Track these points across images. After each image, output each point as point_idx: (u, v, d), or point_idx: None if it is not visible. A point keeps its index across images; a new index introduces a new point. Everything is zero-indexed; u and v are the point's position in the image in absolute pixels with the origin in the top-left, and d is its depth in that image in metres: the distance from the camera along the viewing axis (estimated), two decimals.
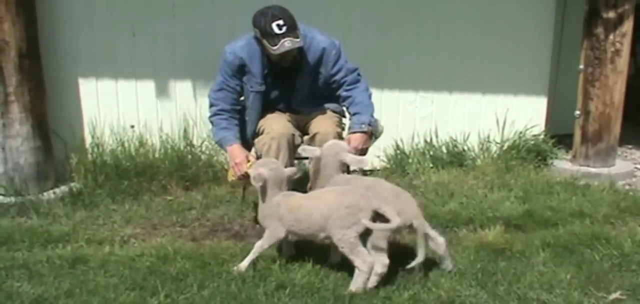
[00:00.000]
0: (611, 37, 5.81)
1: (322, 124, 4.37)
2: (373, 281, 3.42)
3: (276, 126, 4.29)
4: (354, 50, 4.87)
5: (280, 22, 4.02)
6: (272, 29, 4.02)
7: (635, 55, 8.84)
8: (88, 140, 5.60)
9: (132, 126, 5.66)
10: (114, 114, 5.68)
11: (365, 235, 3.49)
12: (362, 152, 4.23)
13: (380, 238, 3.47)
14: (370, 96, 4.43)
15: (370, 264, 3.43)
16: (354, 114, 4.34)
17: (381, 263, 3.45)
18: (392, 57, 6.16)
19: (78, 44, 5.52)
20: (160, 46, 5.68)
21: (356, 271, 3.46)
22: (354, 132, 4.25)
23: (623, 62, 5.84)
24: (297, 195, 3.85)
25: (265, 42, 4.10)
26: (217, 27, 5.65)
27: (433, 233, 3.71)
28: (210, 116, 4.38)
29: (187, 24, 5.69)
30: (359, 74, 4.46)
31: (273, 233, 3.75)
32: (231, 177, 4.25)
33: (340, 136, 4.35)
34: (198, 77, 5.77)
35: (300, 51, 4.28)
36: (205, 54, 5.62)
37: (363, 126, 4.26)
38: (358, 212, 3.46)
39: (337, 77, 4.41)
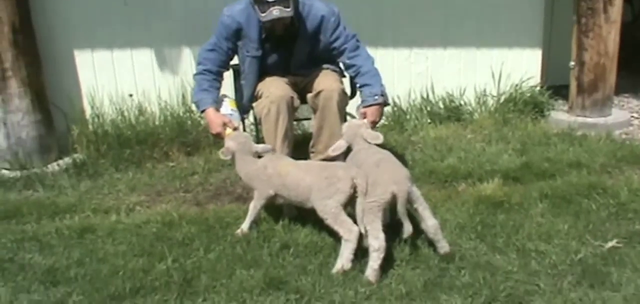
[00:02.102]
0: None
1: (325, 81, 4.39)
2: (374, 258, 3.32)
3: (275, 89, 4.32)
4: (349, 7, 4.90)
5: None
6: None
7: (632, 3, 8.83)
8: (88, 111, 5.67)
9: (131, 95, 5.71)
10: (112, 84, 5.74)
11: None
12: (375, 123, 4.25)
13: (370, 213, 3.38)
14: (373, 63, 4.44)
15: (357, 233, 3.39)
16: (364, 85, 4.34)
17: (375, 237, 3.33)
18: (386, 13, 6.18)
19: (71, 16, 5.57)
20: (153, 13, 5.72)
21: (343, 242, 3.44)
22: (369, 105, 4.26)
23: (616, 11, 5.87)
24: (287, 160, 3.94)
25: (256, 8, 4.14)
26: None
27: (425, 213, 3.49)
28: (196, 74, 4.42)
29: None
30: (358, 40, 4.47)
31: (261, 192, 3.83)
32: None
33: (343, 92, 4.37)
34: (194, 42, 5.78)
35: (298, 18, 4.30)
36: (200, 18, 5.65)
37: (376, 97, 4.26)
38: (337, 181, 3.47)
39: (336, 44, 4.43)
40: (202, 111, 4.35)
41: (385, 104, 4.40)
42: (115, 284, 3.34)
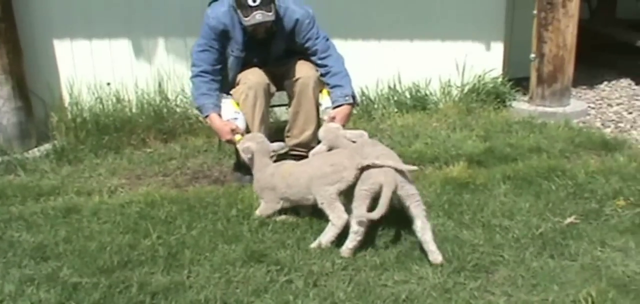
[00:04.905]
0: None
1: (302, 69, 4.54)
2: (351, 239, 3.51)
3: (252, 76, 4.48)
4: (320, 1, 5.08)
5: None
6: (246, 0, 4.16)
7: (589, 0, 9.12)
8: (67, 99, 5.76)
9: (109, 84, 5.82)
10: (90, 73, 5.83)
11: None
12: (344, 123, 4.38)
13: (358, 199, 3.53)
14: (343, 63, 4.58)
15: (345, 220, 3.56)
16: (335, 86, 4.49)
17: (357, 222, 3.50)
18: (355, 7, 6.37)
19: (51, 6, 5.67)
20: (131, 4, 5.83)
21: (329, 224, 3.63)
22: (340, 106, 4.42)
23: (574, 6, 6.10)
24: (289, 163, 4.10)
25: (239, 12, 4.24)
26: None
27: (416, 211, 3.51)
28: (193, 76, 4.49)
29: None
30: (327, 40, 4.60)
31: (268, 204, 3.98)
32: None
33: (319, 80, 4.54)
34: (171, 33, 5.95)
35: (276, 20, 4.38)
36: (178, 10, 5.82)
37: (347, 98, 4.44)
38: (342, 170, 3.61)
39: (308, 45, 4.55)
40: (206, 116, 4.48)
41: (355, 104, 4.58)
42: (103, 258, 3.51)
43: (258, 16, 4.18)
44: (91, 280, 3.32)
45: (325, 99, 4.58)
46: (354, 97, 4.52)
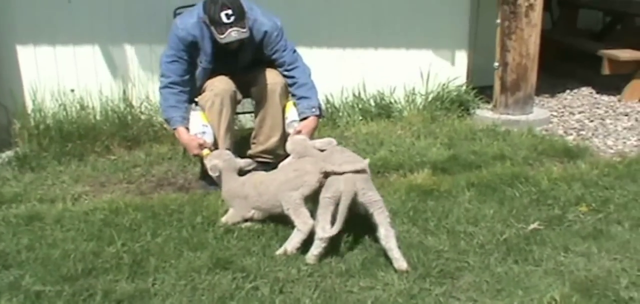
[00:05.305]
0: None
1: (268, 75, 4.57)
2: (317, 246, 3.52)
3: (218, 83, 4.49)
4: (285, 9, 5.10)
5: (229, 11, 4.13)
6: (220, 17, 4.14)
7: (551, 11, 9.25)
8: (30, 106, 5.68)
9: (72, 90, 5.75)
10: (54, 80, 5.76)
11: None
12: (311, 135, 4.43)
13: (322, 207, 3.57)
14: (310, 75, 4.62)
15: (310, 226, 3.57)
16: (302, 97, 4.53)
17: (322, 228, 3.51)
18: (320, 15, 6.39)
19: (14, 12, 5.59)
20: (96, 10, 5.77)
21: (295, 230, 3.65)
22: (306, 117, 4.46)
23: (536, 15, 6.18)
24: (261, 173, 4.12)
25: (212, 28, 4.23)
26: None
27: (379, 218, 3.54)
28: (161, 87, 4.49)
29: None
30: (295, 51, 4.63)
31: (237, 210, 3.99)
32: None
33: (286, 86, 4.57)
34: (135, 40, 5.89)
35: None
36: (141, 15, 5.78)
37: (314, 110, 4.49)
38: (304, 174, 3.66)
39: (275, 56, 4.57)
40: (174, 129, 4.47)
41: (321, 116, 4.62)
42: (67, 266, 3.48)
43: (233, 34, 4.18)
44: (54, 288, 3.29)
45: (291, 112, 4.59)
46: (320, 108, 4.56)
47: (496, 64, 6.44)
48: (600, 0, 9.00)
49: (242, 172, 4.18)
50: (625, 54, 7.27)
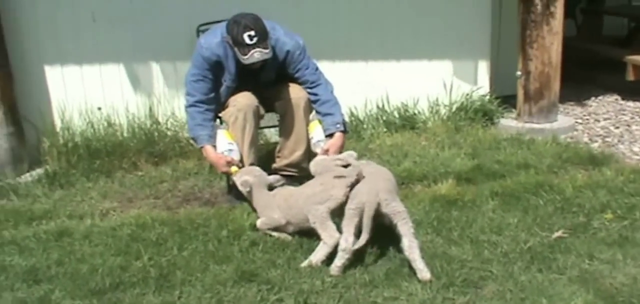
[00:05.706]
0: (545, 0, 6.16)
1: (292, 90, 4.61)
2: (340, 257, 3.55)
3: (241, 98, 4.53)
4: (308, 26, 5.13)
5: (252, 32, 4.17)
6: (243, 39, 4.18)
7: (575, 18, 9.21)
8: (58, 124, 5.78)
9: (100, 108, 5.84)
10: (81, 98, 5.85)
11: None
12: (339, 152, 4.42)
13: (346, 218, 3.62)
14: (332, 91, 4.65)
15: (336, 239, 3.60)
16: (327, 114, 4.56)
17: (345, 239, 3.55)
18: (342, 29, 6.42)
19: (41, 32, 5.69)
20: (120, 29, 5.85)
21: (321, 243, 3.70)
22: (332, 134, 4.49)
23: (557, 23, 6.16)
24: (290, 187, 4.21)
25: (236, 49, 4.27)
26: (172, 8, 5.87)
27: (403, 229, 3.57)
28: (188, 106, 4.53)
29: (143, 6, 5.87)
30: (317, 69, 4.66)
31: (271, 218, 4.04)
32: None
33: (309, 101, 4.60)
34: (159, 57, 5.97)
35: None
36: (164, 33, 5.85)
37: (339, 126, 4.51)
38: (331, 188, 3.71)
39: (298, 75, 4.61)
40: (201, 147, 4.53)
41: (346, 132, 4.63)
42: (95, 280, 3.55)
43: (256, 54, 4.21)
44: (83, 302, 3.37)
45: (316, 131, 4.62)
46: (345, 124, 4.58)
47: (518, 73, 6.43)
48: (625, 6, 8.94)
49: (271, 188, 4.24)
50: None
